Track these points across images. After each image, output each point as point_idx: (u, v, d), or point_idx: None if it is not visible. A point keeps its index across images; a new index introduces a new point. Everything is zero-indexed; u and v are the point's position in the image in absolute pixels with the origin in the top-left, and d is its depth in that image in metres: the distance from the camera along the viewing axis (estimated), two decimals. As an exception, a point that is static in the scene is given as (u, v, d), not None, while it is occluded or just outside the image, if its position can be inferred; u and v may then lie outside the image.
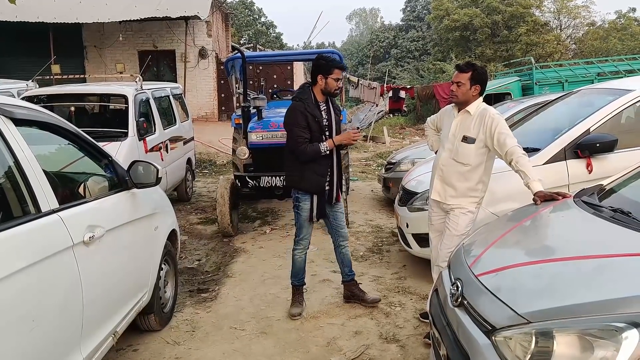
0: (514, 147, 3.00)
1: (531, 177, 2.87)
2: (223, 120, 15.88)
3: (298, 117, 3.49)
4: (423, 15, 38.00)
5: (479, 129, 3.17)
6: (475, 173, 3.24)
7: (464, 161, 3.23)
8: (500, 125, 3.09)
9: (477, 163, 3.23)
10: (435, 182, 3.41)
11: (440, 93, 17.40)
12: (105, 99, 6.62)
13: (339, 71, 3.51)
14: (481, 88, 3.23)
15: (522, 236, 2.45)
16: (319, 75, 3.51)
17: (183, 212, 6.91)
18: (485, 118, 3.14)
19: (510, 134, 3.08)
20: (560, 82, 12.52)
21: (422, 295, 3.97)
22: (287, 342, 3.34)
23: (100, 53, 15.76)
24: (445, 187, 3.34)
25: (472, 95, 3.22)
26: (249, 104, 6.11)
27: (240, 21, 35.87)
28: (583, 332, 1.55)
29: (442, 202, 3.37)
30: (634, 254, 1.79)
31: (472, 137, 3.20)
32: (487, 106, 3.25)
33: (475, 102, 3.24)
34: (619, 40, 22.66)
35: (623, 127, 4.06)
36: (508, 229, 2.50)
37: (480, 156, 3.22)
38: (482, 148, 3.19)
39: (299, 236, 3.76)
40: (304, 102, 3.52)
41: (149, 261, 3.26)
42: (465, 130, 3.24)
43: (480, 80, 3.22)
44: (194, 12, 13.98)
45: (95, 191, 2.78)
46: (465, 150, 3.23)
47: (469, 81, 3.19)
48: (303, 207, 3.65)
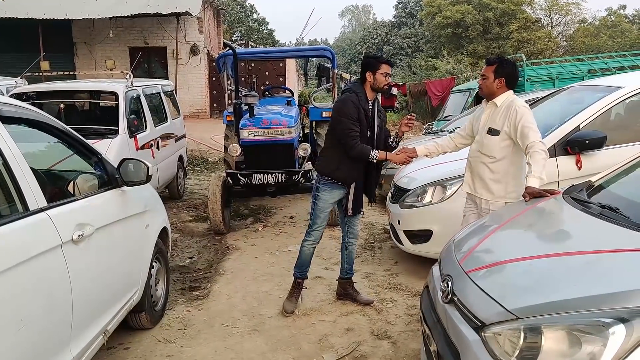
0: (536, 142, 2.95)
1: (534, 172, 2.84)
2: (215, 117, 15.81)
3: (350, 108, 3.43)
4: (415, 12, 38.01)
5: (504, 121, 3.14)
6: (500, 164, 3.19)
7: (489, 153, 3.22)
8: (525, 117, 3.04)
9: (502, 156, 3.18)
10: (466, 174, 3.44)
11: (432, 90, 17.45)
12: (95, 96, 6.57)
13: (386, 66, 3.48)
14: (506, 81, 3.20)
15: (512, 232, 2.46)
16: (367, 72, 3.49)
17: (175, 210, 6.88)
18: (510, 110, 3.11)
19: (535, 128, 3.02)
20: (551, 79, 12.58)
21: (414, 291, 3.99)
22: (279, 340, 3.34)
23: (90, 49, 15.63)
24: (474, 179, 3.35)
25: (497, 87, 3.20)
26: (240, 101, 6.09)
27: (232, 17, 35.71)
28: (571, 327, 1.57)
29: (472, 193, 3.38)
30: (622, 250, 1.81)
31: (497, 129, 3.17)
32: (516, 98, 3.21)
33: (503, 95, 3.21)
34: (609, 37, 22.84)
35: (612, 123, 4.10)
36: (498, 225, 2.52)
37: (504, 149, 3.17)
38: (507, 140, 3.14)
39: (312, 227, 3.71)
40: (357, 95, 3.48)
41: (140, 259, 3.24)
42: (491, 122, 3.23)
43: (505, 73, 3.19)
44: (185, 8, 13.90)
45: (85, 189, 2.76)
46: (489, 142, 3.21)
47: (493, 74, 3.19)
48: (321, 197, 3.62)
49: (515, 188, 3.18)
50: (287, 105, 6.77)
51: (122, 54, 15.65)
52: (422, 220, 4.30)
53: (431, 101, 17.63)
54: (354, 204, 3.61)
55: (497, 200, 3.22)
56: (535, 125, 3.03)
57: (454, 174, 4.16)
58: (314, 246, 3.77)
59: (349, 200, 3.60)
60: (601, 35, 24.13)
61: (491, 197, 3.24)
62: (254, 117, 5.76)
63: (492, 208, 3.22)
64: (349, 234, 3.81)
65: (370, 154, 3.42)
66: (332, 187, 3.60)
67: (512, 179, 3.20)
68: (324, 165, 3.65)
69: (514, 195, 3.18)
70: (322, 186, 3.62)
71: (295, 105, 7.00)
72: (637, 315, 1.46)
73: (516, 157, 3.19)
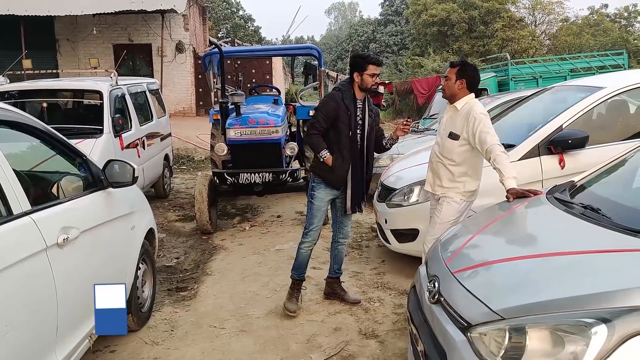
0: (494, 145, 3.04)
1: (506, 174, 2.92)
2: (201, 115, 15.71)
3: (329, 105, 3.50)
4: (401, 10, 38.10)
5: (464, 126, 3.22)
6: (459, 167, 3.31)
7: (449, 156, 3.32)
8: (482, 123, 3.13)
9: (461, 160, 3.29)
10: (428, 174, 3.54)
11: (419, 88, 17.55)
12: (79, 95, 6.49)
13: (374, 66, 3.48)
14: (467, 83, 3.29)
15: (497, 233, 2.50)
16: (354, 72, 3.51)
17: (161, 209, 6.83)
18: (469, 116, 3.19)
19: (492, 132, 3.11)
20: (534, 78, 12.75)
21: (401, 290, 4.02)
22: (266, 340, 3.34)
23: (73, 47, 15.39)
24: (434, 179, 3.45)
25: (458, 89, 3.29)
26: (227, 99, 6.06)
27: (218, 14, 35.45)
28: (554, 327, 1.60)
29: (431, 192, 3.49)
30: (603, 250, 1.85)
31: (457, 133, 3.26)
32: (475, 103, 3.28)
33: (463, 98, 3.30)
34: (591, 36, 23.13)
35: (594, 123, 4.17)
36: (483, 226, 2.55)
37: (463, 153, 3.27)
38: (466, 145, 3.25)
39: (308, 227, 3.68)
40: (342, 93, 3.51)
41: (126, 261, 3.22)
42: (451, 126, 3.31)
43: (466, 75, 3.28)
44: (171, 5, 13.75)
45: (69, 191, 2.73)
46: (449, 146, 3.30)
47: (455, 75, 3.28)
48: (317, 196, 3.61)
49: (472, 189, 3.35)
50: (274, 104, 6.76)
51: (106, 51, 15.44)
52: (409, 219, 4.33)
53: (417, 99, 17.72)
54: (353, 201, 3.61)
55: (451, 196, 3.32)
56: (492, 130, 3.13)
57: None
58: (312, 247, 3.74)
59: (347, 198, 3.60)
60: (583, 34, 24.43)
61: (447, 192, 3.35)
62: (241, 116, 5.74)
63: (446, 204, 3.33)
64: (340, 234, 3.82)
65: (321, 152, 3.49)
66: (327, 184, 3.60)
67: (470, 179, 3.34)
68: (317, 167, 3.63)
69: (468, 194, 3.34)
70: (317, 185, 3.62)
71: (282, 104, 6.99)
72: (618, 316, 1.49)
73: (474, 161, 3.32)
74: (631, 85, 4.13)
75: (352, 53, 4.18)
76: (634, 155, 2.67)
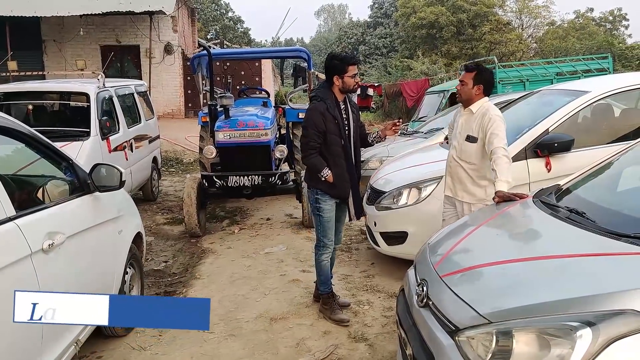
0: (498, 147, 3.07)
1: (500, 176, 2.95)
2: (190, 117, 15.63)
3: (317, 118, 3.39)
4: (390, 13, 38.30)
5: (480, 128, 3.24)
6: (479, 170, 3.31)
7: (467, 159, 3.33)
8: (495, 125, 3.15)
9: (481, 161, 3.29)
10: (447, 179, 3.54)
11: (407, 91, 17.63)
12: (66, 97, 6.42)
13: (353, 67, 3.42)
14: (484, 88, 3.32)
15: (485, 236, 2.51)
16: (334, 76, 3.43)
17: (149, 213, 6.78)
18: (485, 117, 3.22)
19: (501, 136, 3.13)
20: (521, 81, 12.86)
21: (390, 293, 4.03)
22: (256, 344, 3.33)
23: (60, 47, 15.22)
24: (454, 183, 3.45)
25: (475, 94, 3.32)
26: (215, 102, 6.04)
27: (207, 16, 35.35)
28: (541, 331, 1.61)
29: (453, 197, 3.46)
30: (588, 254, 1.87)
31: (475, 136, 3.28)
32: (490, 106, 3.31)
33: (479, 102, 3.33)
34: (577, 40, 23.46)
35: (580, 127, 4.22)
36: (472, 229, 2.56)
37: (483, 155, 3.26)
38: (484, 147, 3.24)
39: (323, 241, 3.58)
40: (325, 103, 3.42)
41: (113, 266, 3.19)
42: (468, 129, 3.33)
43: (484, 80, 3.32)
44: (159, 6, 13.69)
45: (55, 195, 2.70)
46: (468, 149, 3.32)
47: (472, 81, 3.31)
48: (324, 209, 3.52)
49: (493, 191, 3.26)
50: (263, 106, 6.76)
51: (94, 52, 15.31)
52: (398, 221, 4.35)
53: (406, 102, 17.80)
54: (356, 207, 3.57)
55: (479, 203, 3.32)
56: (503, 133, 3.15)
57: (428, 176, 4.23)
58: (329, 257, 3.69)
59: (349, 206, 3.55)
60: (569, 38, 24.78)
61: (473, 199, 3.34)
62: (230, 119, 5.73)
63: (474, 210, 3.30)
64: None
65: (323, 173, 3.40)
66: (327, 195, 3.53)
67: (490, 182, 3.29)
68: (310, 178, 3.57)
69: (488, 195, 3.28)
70: (321, 197, 3.51)
71: (272, 106, 6.98)
72: (603, 319, 1.51)
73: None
74: (615, 89, 4.20)
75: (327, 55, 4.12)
76: (618, 159, 2.71)
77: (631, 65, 18.17)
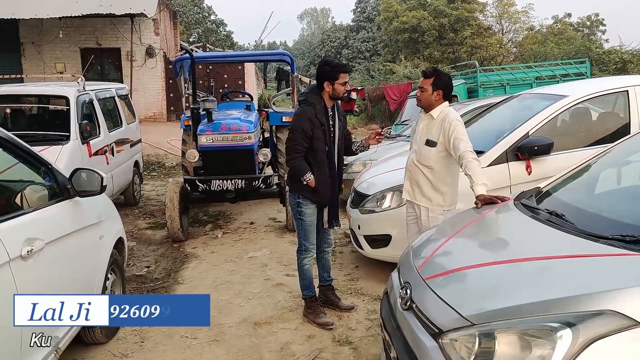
0: (466, 152, 3.11)
1: (477, 180, 2.98)
2: (172, 120, 15.49)
3: (305, 123, 3.39)
4: (373, 17, 38.54)
5: (440, 132, 3.28)
6: (438, 174, 3.35)
7: (427, 163, 3.36)
8: (457, 130, 3.20)
9: (440, 166, 3.33)
10: (405, 183, 3.56)
11: (390, 95, 17.75)
12: (45, 100, 6.31)
13: (345, 75, 3.43)
14: (444, 93, 3.36)
15: (467, 239, 2.54)
16: (325, 82, 3.43)
17: (131, 217, 6.70)
18: (445, 122, 3.26)
19: (465, 139, 3.17)
20: (502, 85, 13.07)
21: (374, 296, 4.04)
22: (239, 349, 3.31)
23: (38, 50, 14.97)
24: (413, 187, 3.48)
25: (435, 100, 3.36)
26: (198, 105, 6.00)
27: (189, 19, 35.11)
28: (522, 332, 1.63)
29: (412, 200, 3.49)
30: (567, 256, 1.91)
31: (434, 140, 3.31)
32: (450, 111, 3.35)
33: (439, 107, 3.36)
34: (556, 45, 23.89)
35: (559, 130, 4.30)
36: (454, 232, 2.59)
37: (441, 159, 3.32)
38: (443, 151, 3.30)
39: (305, 245, 3.59)
40: (314, 108, 3.41)
41: (94, 272, 3.14)
42: (428, 134, 3.36)
43: (442, 85, 3.35)
44: (140, 9, 13.55)
45: (34, 201, 2.65)
46: (427, 153, 3.35)
47: (431, 86, 3.34)
48: (306, 212, 3.53)
49: (452, 197, 3.40)
50: (247, 109, 6.73)
51: (73, 55, 15.09)
52: (382, 225, 4.37)
53: (389, 105, 17.92)
54: (330, 215, 3.58)
55: (435, 209, 3.36)
56: (466, 137, 3.20)
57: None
58: (312, 261, 3.68)
59: (324, 212, 3.56)
60: (548, 43, 25.21)
61: (430, 204, 3.38)
62: (213, 122, 5.69)
63: (432, 215, 3.36)
64: (324, 244, 3.78)
65: (306, 177, 3.41)
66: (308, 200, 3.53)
67: (449, 188, 3.39)
68: (296, 185, 3.57)
69: (451, 203, 3.39)
70: (302, 201, 3.52)
71: (255, 110, 6.96)
72: (582, 320, 1.54)
73: (453, 167, 3.36)
74: (593, 93, 4.30)
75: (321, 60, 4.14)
76: (596, 161, 2.76)
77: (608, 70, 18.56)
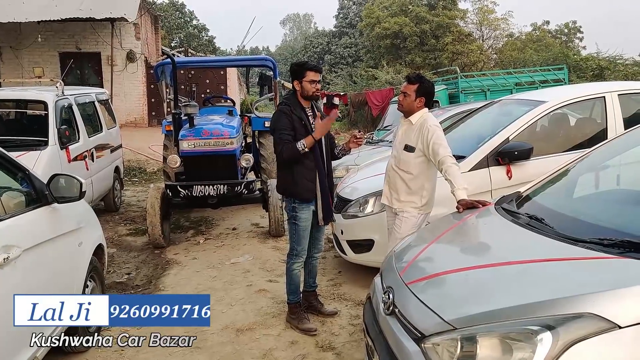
0: (445, 157, 3.15)
1: (457, 185, 3.02)
2: (153, 126, 15.32)
3: (282, 119, 3.41)
4: (355, 23, 38.75)
5: (418, 138, 3.31)
6: (416, 180, 3.37)
7: (405, 168, 3.39)
8: (436, 135, 3.23)
9: (418, 171, 3.36)
10: (385, 187, 3.58)
11: (373, 100, 17.86)
12: (22, 105, 6.20)
13: (312, 73, 3.44)
14: (426, 100, 3.39)
15: (449, 244, 2.56)
16: (294, 81, 3.49)
17: (111, 223, 6.60)
18: (423, 128, 3.29)
19: (444, 144, 3.21)
20: (483, 90, 13.27)
21: (357, 301, 4.04)
22: (222, 356, 3.27)
23: (16, 54, 14.67)
24: (391, 192, 3.50)
25: (417, 106, 3.38)
26: (180, 110, 5.95)
27: (171, 24, 34.87)
28: (503, 335, 1.65)
29: (388, 205, 3.52)
30: (547, 259, 1.93)
31: (412, 145, 3.34)
32: (429, 116, 3.38)
33: (418, 113, 3.39)
34: (534, 51, 24.32)
35: (538, 135, 4.37)
36: (436, 237, 2.60)
37: (420, 164, 3.35)
38: (421, 157, 3.33)
39: (297, 250, 3.57)
40: (290, 106, 3.46)
41: (73, 280, 3.08)
42: (407, 139, 3.39)
43: (426, 93, 3.37)
44: (121, 13, 13.39)
45: (10, 207, 2.59)
46: (406, 158, 3.38)
47: (415, 93, 3.35)
48: (301, 217, 3.50)
49: (428, 200, 3.42)
50: (229, 115, 6.70)
51: (52, 59, 14.83)
52: (364, 229, 4.37)
53: (371, 111, 18.01)
54: (325, 212, 3.56)
55: (410, 210, 3.38)
56: (445, 142, 3.24)
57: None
58: (301, 266, 3.67)
59: (318, 210, 3.53)
60: (527, 49, 25.65)
61: (405, 207, 3.40)
62: (194, 128, 5.65)
63: (405, 217, 3.39)
64: (314, 249, 3.76)
65: (298, 146, 3.34)
66: (307, 203, 3.52)
67: (426, 192, 3.41)
68: (282, 188, 3.59)
69: (427, 206, 3.42)
70: (298, 205, 3.50)
71: (237, 115, 6.93)
72: (562, 323, 1.56)
73: (430, 172, 3.40)
74: (571, 99, 4.38)
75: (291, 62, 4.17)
76: (574, 166, 2.81)
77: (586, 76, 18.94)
